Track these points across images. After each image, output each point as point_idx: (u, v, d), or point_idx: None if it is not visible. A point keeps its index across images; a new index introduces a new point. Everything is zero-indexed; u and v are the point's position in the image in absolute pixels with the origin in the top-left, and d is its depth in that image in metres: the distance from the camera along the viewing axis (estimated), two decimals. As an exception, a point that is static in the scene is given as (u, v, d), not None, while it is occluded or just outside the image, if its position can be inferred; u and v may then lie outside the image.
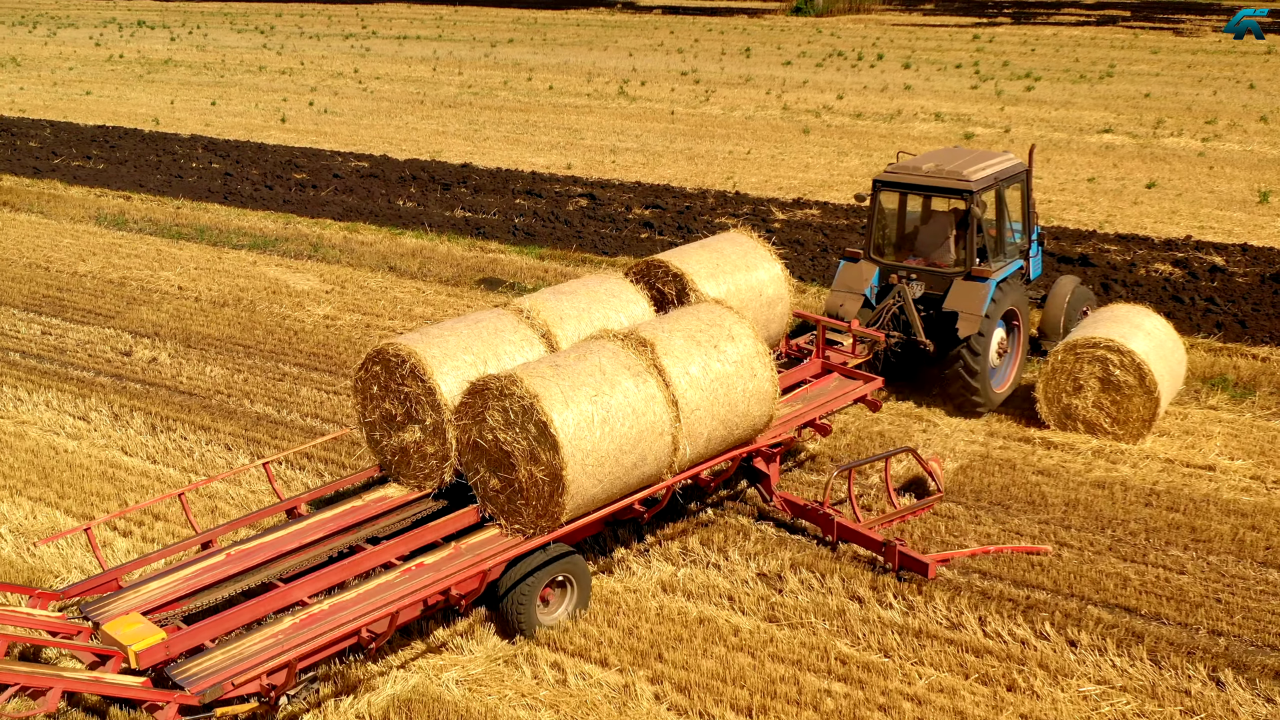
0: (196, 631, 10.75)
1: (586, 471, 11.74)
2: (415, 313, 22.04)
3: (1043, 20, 72.31)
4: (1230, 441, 16.56)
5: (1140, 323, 16.95)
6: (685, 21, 75.22)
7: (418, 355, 12.64)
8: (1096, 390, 16.57)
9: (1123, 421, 16.49)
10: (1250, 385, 18.38)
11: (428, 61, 57.22)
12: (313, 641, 10.43)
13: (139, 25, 76.06)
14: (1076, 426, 16.78)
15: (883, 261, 17.65)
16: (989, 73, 51.11)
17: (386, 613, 10.77)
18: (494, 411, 11.87)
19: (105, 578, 11.70)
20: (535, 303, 13.96)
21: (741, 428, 13.41)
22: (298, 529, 12.51)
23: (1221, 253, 25.01)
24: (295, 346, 20.52)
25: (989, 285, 16.71)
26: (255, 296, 23.11)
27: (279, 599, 11.37)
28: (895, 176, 17.48)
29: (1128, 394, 16.35)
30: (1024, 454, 16.35)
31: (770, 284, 15.79)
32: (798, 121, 41.06)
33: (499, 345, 13.20)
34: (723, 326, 13.37)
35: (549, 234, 27.01)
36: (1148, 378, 16.12)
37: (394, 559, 12.03)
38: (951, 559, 13.53)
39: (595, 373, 12.08)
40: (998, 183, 17.33)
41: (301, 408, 18.02)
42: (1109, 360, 16.39)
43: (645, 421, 12.20)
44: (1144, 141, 36.79)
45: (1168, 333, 17.14)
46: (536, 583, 12.05)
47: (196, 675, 10.09)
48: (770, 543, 14.10)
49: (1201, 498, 15.07)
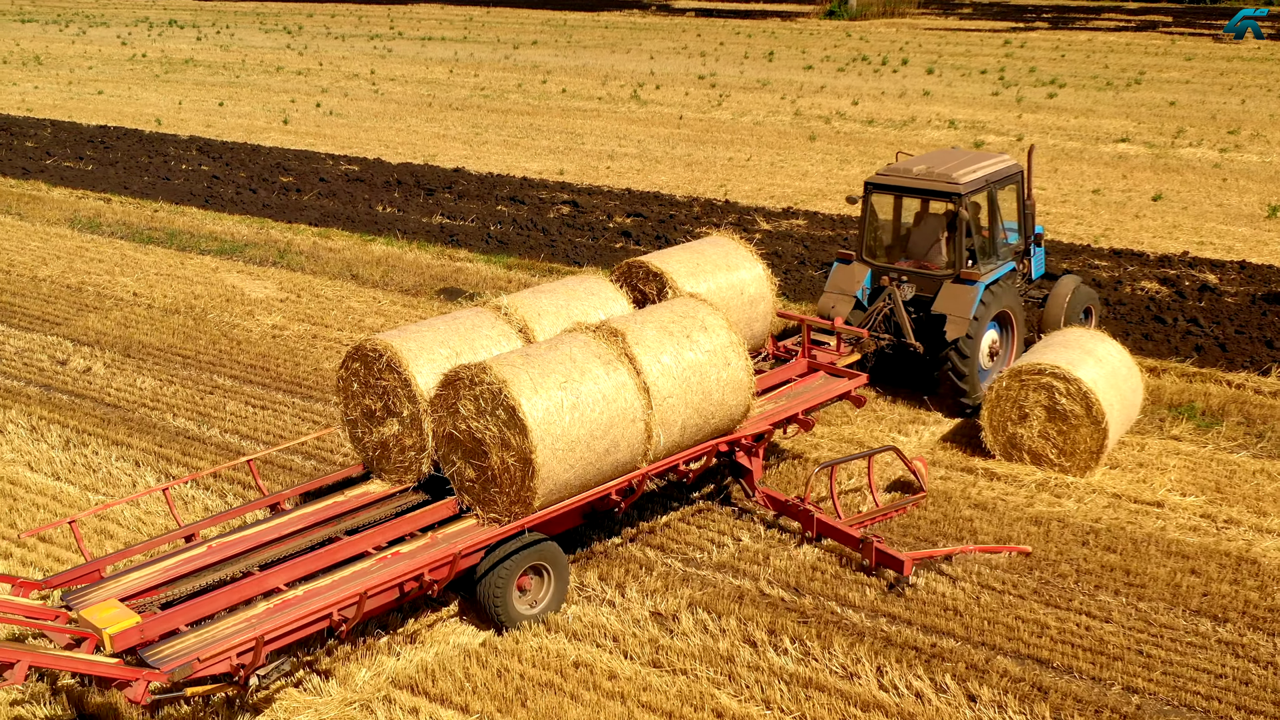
0: (170, 616, 10.92)
1: (557, 456, 11.87)
2: (366, 323, 21.42)
3: (1080, 26, 70.86)
4: (1186, 475, 15.60)
5: (1092, 348, 16.01)
6: (715, 24, 74.37)
7: (394, 349, 12.85)
8: (1042, 419, 15.67)
9: (1069, 453, 15.58)
10: (1219, 414, 17.39)
11: (447, 63, 56.75)
12: (283, 625, 10.63)
13: (169, 24, 76.16)
14: (1023, 457, 15.88)
15: (875, 263, 17.64)
16: (1013, 79, 49.95)
17: (354, 594, 10.92)
18: (466, 401, 12.06)
19: (88, 568, 11.92)
20: (514, 300, 14.17)
21: (718, 417, 13.48)
22: (278, 523, 12.73)
23: (1217, 270, 23.95)
24: (234, 357, 19.94)
25: (977, 288, 16.59)
26: (208, 304, 22.57)
27: (255, 586, 11.51)
28: (886, 179, 17.44)
29: (1074, 424, 15.45)
30: (963, 485, 15.46)
31: (752, 283, 15.86)
32: (807, 128, 40.17)
33: (475, 340, 13.38)
34: (696, 318, 13.46)
35: (523, 242, 26.32)
36: (1095, 407, 15.19)
37: (370, 549, 12.15)
38: (930, 558, 13.43)
39: (565, 361, 12.28)
40: (989, 185, 17.23)
41: (223, 423, 17.43)
42: (1055, 388, 15.48)
43: (616, 408, 12.34)
44: (1160, 151, 35.61)
45: (1122, 359, 16.18)
46: (512, 570, 12.15)
47: (168, 656, 10.32)
48: (674, 579, 13.33)
49: (1144, 537, 14.14)
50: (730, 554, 13.93)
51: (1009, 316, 17.48)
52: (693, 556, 13.91)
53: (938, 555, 13.56)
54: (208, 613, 11.08)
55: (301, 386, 18.75)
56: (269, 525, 12.66)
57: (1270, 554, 13.77)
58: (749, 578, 13.43)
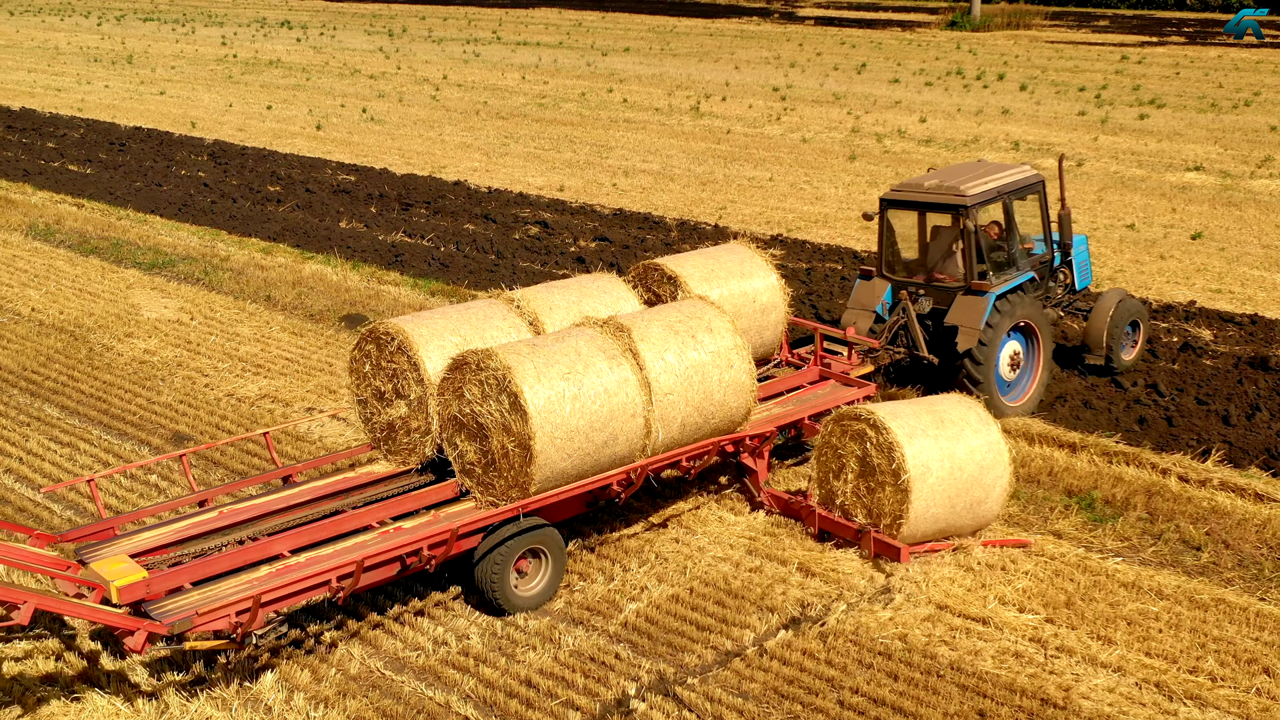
0: (176, 574, 11.42)
1: (556, 444, 12.15)
2: (240, 352, 19.93)
3: (1219, 41, 66.21)
4: (1037, 584, 13.02)
5: (946, 412, 13.67)
6: (826, 33, 71.60)
7: (405, 333, 13.29)
8: (856, 473, 13.73)
9: (876, 515, 13.56)
10: (1122, 506, 14.72)
11: (525, 69, 55.37)
12: (282, 587, 11.13)
13: (281, 25, 76.47)
14: (838, 514, 14.01)
15: (894, 278, 17.63)
16: (1111, 98, 46.40)
17: (353, 561, 11.35)
18: (471, 385, 12.39)
19: (103, 525, 12.50)
20: (526, 293, 14.46)
21: (718, 417, 13.62)
22: (288, 494, 13.24)
23: (1217, 324, 20.98)
24: (77, 385, 18.63)
25: (988, 299, 16.46)
26: (98, 323, 21.36)
27: (259, 551, 11.98)
28: (899, 194, 17.47)
29: (881, 481, 13.39)
30: (766, 580, 13.17)
31: (765, 292, 15.96)
32: (855, 146, 37.59)
33: (486, 329, 13.67)
34: (702, 319, 13.61)
35: (465, 265, 24.57)
36: (898, 464, 13.10)
37: (373, 523, 12.54)
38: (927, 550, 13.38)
39: (571, 353, 12.55)
40: (1001, 196, 17.18)
41: (8, 458, 16.08)
42: (867, 437, 13.49)
43: (617, 402, 12.57)
44: (1230, 182, 32.15)
45: (979, 425, 13.70)
46: (510, 552, 12.34)
47: (170, 610, 10.87)
48: (358, 684, 11.40)
49: (948, 663, 11.69)
50: (442, 656, 11.95)
51: (1032, 327, 17.13)
52: (403, 656, 11.97)
53: (938, 548, 13.48)
54: (212, 573, 11.55)
55: (122, 422, 17.32)
56: (278, 496, 13.20)
57: (1094, 696, 11.21)
58: (446, 688, 11.43)
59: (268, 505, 13.02)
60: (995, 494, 13.73)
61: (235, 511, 12.84)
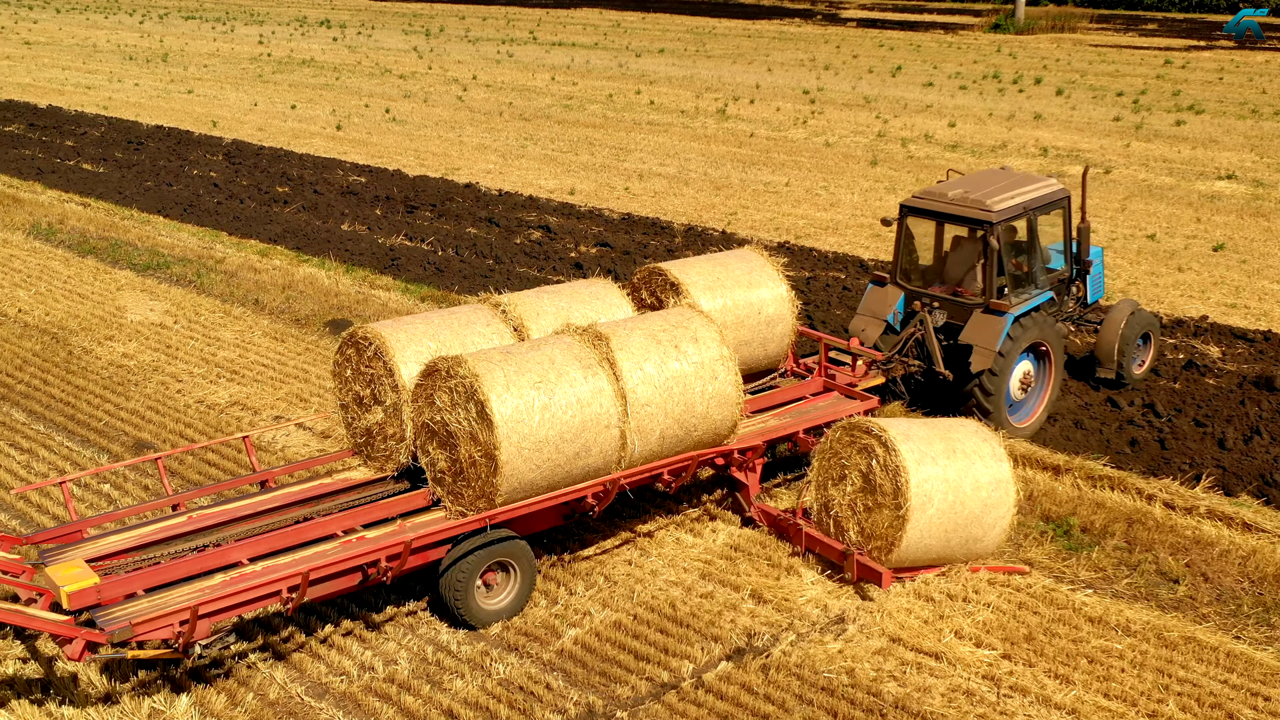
0: (129, 580, 11.23)
1: (523, 455, 11.87)
2: (218, 358, 19.59)
3: (1273, 46, 64.75)
4: (997, 617, 12.41)
5: (960, 441, 13.10)
6: (867, 35, 70.75)
7: (383, 338, 13.11)
8: (857, 486, 13.16)
9: (870, 535, 13.00)
10: (1100, 534, 14.06)
11: (556, 70, 54.95)
12: (228, 596, 10.90)
13: (320, 24, 76.47)
14: (831, 529, 13.48)
15: (909, 287, 17.09)
16: (1149, 103, 45.37)
17: (299, 573, 11.11)
18: (442, 392, 12.20)
19: (71, 528, 12.33)
20: (514, 298, 14.18)
21: (701, 429, 13.23)
22: (260, 499, 13.04)
23: (1228, 341, 20.21)
24: (48, 390, 18.37)
25: (1006, 320, 15.91)
26: (81, 325, 21.10)
27: (217, 558, 11.78)
28: (921, 201, 16.83)
29: (879, 502, 12.83)
30: (717, 607, 12.64)
31: (771, 303, 15.53)
32: (879, 150, 36.88)
33: (466, 335, 13.44)
34: (687, 328, 13.25)
35: (460, 270, 24.15)
36: (901, 490, 12.56)
37: (338, 531, 12.34)
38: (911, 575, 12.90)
39: (544, 361, 12.28)
40: (1027, 212, 16.49)
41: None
42: (874, 454, 12.89)
43: (590, 413, 12.25)
44: (1261, 192, 31.21)
45: (990, 460, 13.09)
46: (475, 564, 12.05)
47: (116, 619, 10.63)
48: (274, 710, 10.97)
49: (893, 701, 11.13)
50: (366, 683, 11.50)
51: (1045, 348, 16.55)
52: (325, 681, 11.53)
53: (922, 572, 13.00)
54: (166, 580, 11.34)
55: (85, 428, 17.02)
56: (249, 501, 12.99)
57: (1043, 742, 10.63)
58: (364, 717, 10.98)
59: (238, 510, 12.84)
60: (994, 533, 13.14)
61: (204, 516, 12.66)
